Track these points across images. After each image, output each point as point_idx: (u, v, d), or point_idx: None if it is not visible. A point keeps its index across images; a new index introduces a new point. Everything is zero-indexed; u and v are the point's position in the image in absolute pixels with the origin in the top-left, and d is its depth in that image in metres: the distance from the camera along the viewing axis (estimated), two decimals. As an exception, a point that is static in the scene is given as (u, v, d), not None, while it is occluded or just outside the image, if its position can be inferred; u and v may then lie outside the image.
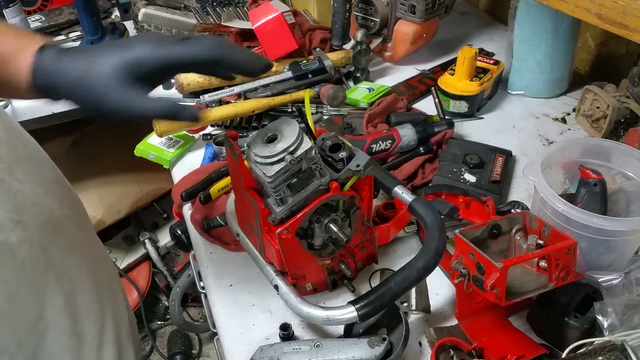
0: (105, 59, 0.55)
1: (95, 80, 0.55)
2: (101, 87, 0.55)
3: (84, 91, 0.55)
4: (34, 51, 0.55)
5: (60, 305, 0.54)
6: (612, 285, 0.69)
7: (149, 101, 0.56)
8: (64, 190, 0.62)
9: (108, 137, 1.76)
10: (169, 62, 0.57)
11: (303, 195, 0.68)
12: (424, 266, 0.65)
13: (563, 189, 0.82)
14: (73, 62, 0.55)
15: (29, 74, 0.55)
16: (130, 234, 1.90)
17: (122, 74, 0.55)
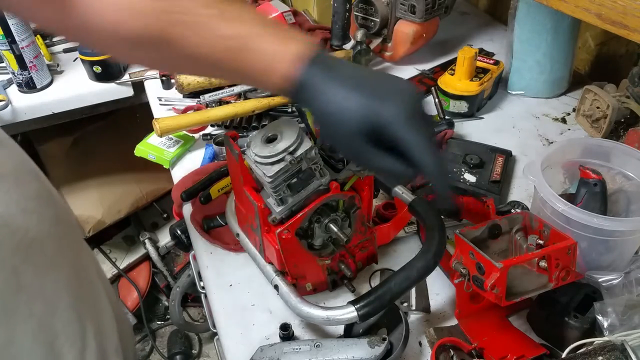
0: (354, 108, 0.54)
1: (339, 126, 0.55)
2: (343, 132, 0.55)
3: (328, 125, 0.57)
4: (297, 63, 0.54)
5: (33, 330, 0.50)
6: (612, 285, 0.69)
7: (387, 158, 0.56)
8: (46, 204, 0.57)
9: (108, 137, 1.76)
10: (405, 146, 0.55)
11: (303, 195, 0.68)
12: (424, 266, 0.65)
13: (563, 189, 0.82)
14: (329, 91, 0.55)
15: (289, 85, 0.55)
16: (130, 234, 1.90)
17: (365, 133, 0.55)
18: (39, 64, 1.30)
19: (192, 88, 1.19)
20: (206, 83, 1.19)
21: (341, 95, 0.54)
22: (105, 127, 1.77)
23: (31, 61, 1.28)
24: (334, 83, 0.55)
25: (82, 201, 1.73)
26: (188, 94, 1.22)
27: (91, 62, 1.31)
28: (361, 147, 0.55)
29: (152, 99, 1.26)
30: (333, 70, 0.55)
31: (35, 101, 1.32)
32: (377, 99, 0.54)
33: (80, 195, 1.73)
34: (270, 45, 0.55)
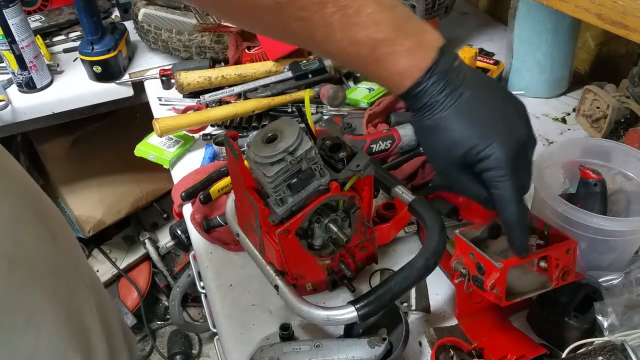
0: (462, 141, 0.56)
1: (443, 150, 0.57)
2: (444, 157, 0.57)
3: (427, 140, 0.58)
4: (416, 78, 0.54)
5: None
6: (612, 285, 0.69)
7: (476, 187, 0.59)
8: (27, 222, 0.50)
9: (108, 137, 1.76)
10: (496, 191, 0.57)
11: (303, 195, 0.68)
12: (424, 266, 0.65)
13: (563, 189, 0.82)
14: (439, 109, 0.55)
15: (401, 91, 0.56)
16: (130, 234, 1.90)
17: (465, 165, 0.57)
18: (39, 64, 1.30)
19: (192, 88, 1.19)
20: (206, 83, 1.19)
21: (455, 124, 0.55)
22: (105, 127, 1.77)
23: (31, 61, 1.28)
24: (452, 110, 0.55)
25: (82, 201, 1.73)
26: (188, 94, 1.22)
27: (91, 62, 1.31)
28: (456, 172, 0.58)
29: (152, 99, 1.26)
30: (454, 92, 0.55)
31: (35, 101, 1.32)
32: (488, 138, 0.55)
33: (80, 195, 1.73)
34: (400, 58, 0.54)
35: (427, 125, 0.57)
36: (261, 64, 1.22)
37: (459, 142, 0.56)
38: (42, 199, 0.56)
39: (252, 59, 1.25)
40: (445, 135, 0.56)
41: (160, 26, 1.31)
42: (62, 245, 0.55)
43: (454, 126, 0.55)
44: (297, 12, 0.49)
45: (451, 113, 0.55)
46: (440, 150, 0.57)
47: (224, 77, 1.19)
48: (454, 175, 0.58)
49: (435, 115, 0.55)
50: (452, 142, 0.56)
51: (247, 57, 1.25)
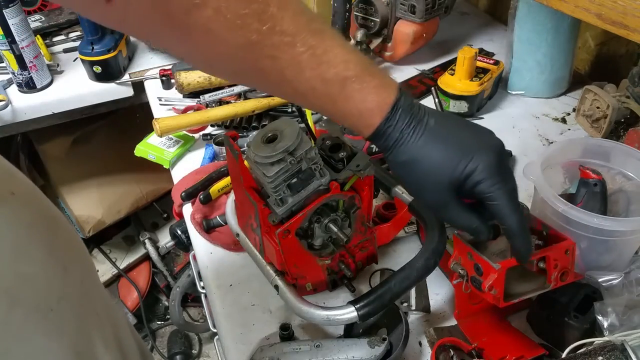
0: (445, 163, 0.56)
1: (428, 177, 0.57)
2: (432, 184, 0.57)
3: (415, 177, 0.57)
4: (384, 113, 0.55)
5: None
6: (612, 285, 0.69)
7: (467, 216, 0.59)
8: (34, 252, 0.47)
9: (108, 137, 1.76)
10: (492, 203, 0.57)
11: (303, 195, 0.68)
12: (424, 266, 0.65)
13: (563, 189, 0.82)
14: (411, 141, 0.56)
15: (371, 131, 0.56)
16: (130, 234, 1.90)
17: (454, 187, 0.57)
18: (39, 64, 1.30)
19: (192, 88, 1.19)
20: (206, 83, 1.19)
21: (432, 150, 0.56)
22: (105, 127, 1.77)
23: (31, 61, 1.28)
24: (424, 138, 0.56)
25: (82, 201, 1.73)
26: (188, 94, 1.22)
27: (91, 62, 1.31)
28: (448, 200, 0.57)
29: (152, 99, 1.26)
30: (421, 122, 0.56)
31: (35, 101, 1.32)
32: (467, 153, 0.56)
33: (80, 195, 1.73)
34: (369, 94, 0.55)
35: (404, 160, 0.57)
36: (261, 64, 1.22)
37: (442, 166, 0.56)
38: (56, 222, 0.54)
39: (252, 59, 1.25)
40: (426, 164, 0.56)
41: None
42: (74, 273, 0.52)
43: (432, 153, 0.56)
44: (267, 51, 0.50)
45: (424, 141, 0.56)
46: (426, 181, 0.57)
47: (224, 77, 1.19)
48: (446, 204, 0.58)
49: (409, 148, 0.56)
50: (435, 168, 0.56)
51: (247, 57, 1.25)
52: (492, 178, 0.56)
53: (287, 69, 0.52)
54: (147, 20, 0.47)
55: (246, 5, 0.47)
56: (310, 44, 0.51)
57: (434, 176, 0.56)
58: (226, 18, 0.47)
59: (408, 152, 0.56)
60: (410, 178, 0.58)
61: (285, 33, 0.50)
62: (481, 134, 0.60)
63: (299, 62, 0.52)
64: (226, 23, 0.47)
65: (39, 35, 1.43)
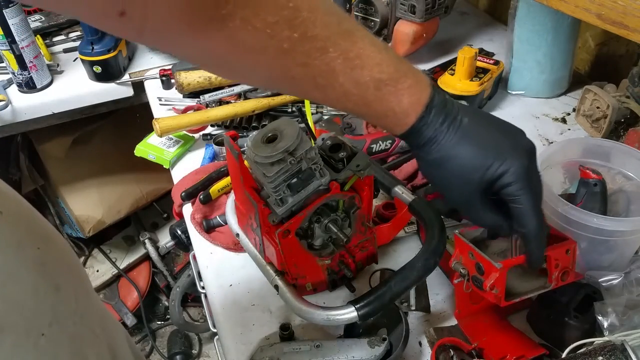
0: (477, 164, 0.56)
1: (459, 178, 0.57)
2: (461, 185, 0.57)
3: (446, 176, 0.57)
4: (419, 113, 0.55)
5: None
6: (612, 285, 0.69)
7: (493, 216, 0.59)
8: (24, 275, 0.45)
9: (108, 137, 1.76)
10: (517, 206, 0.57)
11: (303, 195, 0.68)
12: (424, 266, 0.65)
13: (563, 189, 0.82)
14: (445, 139, 0.56)
15: (404, 129, 0.56)
16: (130, 234, 1.90)
17: (483, 188, 0.57)
18: (39, 64, 1.30)
19: (192, 88, 1.19)
20: (206, 83, 1.19)
21: (466, 150, 0.56)
22: (105, 127, 1.77)
23: (31, 61, 1.28)
24: (457, 137, 0.56)
25: (82, 201, 1.73)
26: (188, 94, 1.21)
27: (91, 62, 1.31)
28: (476, 199, 0.57)
29: (152, 99, 1.26)
30: (455, 120, 0.56)
31: (35, 101, 1.32)
32: (501, 155, 0.56)
33: (80, 195, 1.73)
34: (403, 96, 0.54)
35: (436, 158, 0.57)
36: (261, 64, 1.22)
37: (475, 165, 0.56)
38: (48, 240, 0.51)
39: (252, 59, 1.25)
40: (458, 163, 0.56)
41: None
42: (67, 292, 0.49)
43: (465, 152, 0.56)
44: (299, 58, 0.49)
45: (458, 140, 0.56)
46: (456, 181, 0.57)
47: (224, 77, 1.19)
48: (474, 203, 0.58)
49: (442, 146, 0.56)
50: (467, 167, 0.56)
51: (247, 57, 1.25)
52: (521, 182, 0.56)
53: (320, 76, 0.51)
54: (168, 31, 0.45)
55: (276, 12, 0.45)
56: (342, 48, 0.50)
57: (465, 176, 0.56)
58: (255, 28, 0.45)
59: (441, 150, 0.56)
60: (440, 175, 0.58)
61: (317, 38, 0.48)
62: (515, 135, 0.60)
63: (332, 69, 0.50)
64: (255, 33, 0.45)
65: (39, 35, 1.43)
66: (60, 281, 0.49)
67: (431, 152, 0.57)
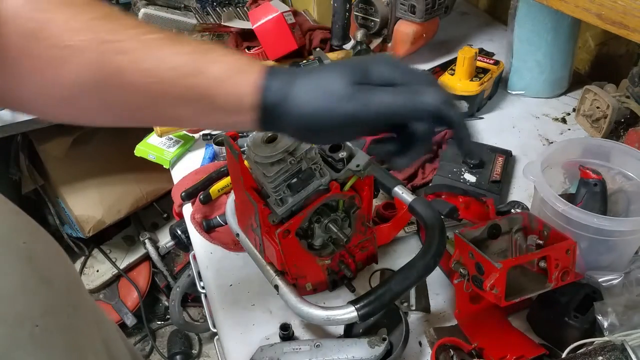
0: (338, 67, 0.52)
1: (331, 84, 0.51)
2: (337, 90, 0.50)
3: (319, 97, 0.51)
4: (259, 69, 0.51)
5: None
6: (612, 285, 0.69)
7: (388, 94, 0.51)
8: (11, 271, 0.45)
9: (108, 137, 1.76)
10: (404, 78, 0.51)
11: (303, 195, 0.68)
12: (424, 266, 0.65)
13: (563, 189, 0.82)
14: (303, 74, 0.51)
15: (254, 90, 0.51)
16: (130, 234, 1.90)
17: (356, 80, 0.51)
18: (39, 64, 1.30)
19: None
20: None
21: (318, 69, 0.52)
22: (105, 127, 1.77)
23: (31, 61, 1.27)
24: (302, 70, 0.52)
25: (82, 201, 1.73)
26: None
27: (91, 62, 1.31)
28: (356, 93, 0.50)
29: (152, 99, 1.26)
30: (307, 69, 0.53)
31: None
32: (362, 60, 0.53)
33: (80, 195, 1.73)
34: (225, 65, 0.51)
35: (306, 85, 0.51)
36: (261, 64, 1.22)
37: (340, 70, 0.51)
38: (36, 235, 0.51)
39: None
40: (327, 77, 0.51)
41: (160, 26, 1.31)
42: (57, 285, 0.49)
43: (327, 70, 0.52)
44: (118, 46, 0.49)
45: (314, 76, 0.51)
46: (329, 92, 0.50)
47: (224, 77, 1.19)
48: (357, 94, 0.50)
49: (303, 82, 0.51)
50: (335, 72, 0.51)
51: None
52: (395, 62, 0.52)
53: (144, 60, 0.49)
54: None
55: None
56: (163, 34, 0.50)
57: (337, 80, 0.50)
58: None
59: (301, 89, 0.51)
60: (316, 111, 0.51)
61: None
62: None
63: (150, 47, 0.50)
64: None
65: (39, 35, 1.43)
66: (49, 274, 0.49)
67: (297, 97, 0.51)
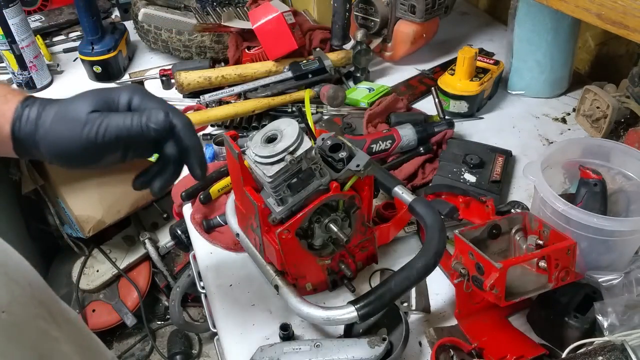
0: (83, 95, 0.56)
1: (72, 111, 0.55)
2: (76, 116, 0.54)
3: (62, 125, 0.54)
4: (17, 100, 0.55)
5: None
6: (612, 285, 0.69)
7: (123, 116, 0.55)
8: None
9: (108, 137, 1.76)
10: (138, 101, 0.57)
11: (303, 195, 0.68)
12: (424, 266, 0.65)
13: (563, 189, 0.82)
14: (53, 103, 0.55)
15: (7, 121, 0.54)
16: (130, 234, 1.90)
17: (98, 106, 0.55)
18: (39, 64, 1.30)
19: (192, 88, 1.19)
20: (206, 83, 1.19)
21: (61, 101, 0.56)
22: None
23: (31, 61, 1.28)
24: (50, 101, 0.56)
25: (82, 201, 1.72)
26: (188, 94, 1.22)
27: (91, 62, 1.31)
28: (94, 118, 0.54)
29: (152, 99, 1.26)
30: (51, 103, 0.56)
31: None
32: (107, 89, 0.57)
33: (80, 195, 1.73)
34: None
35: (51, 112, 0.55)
36: (261, 64, 1.22)
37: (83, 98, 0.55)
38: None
39: (252, 59, 1.25)
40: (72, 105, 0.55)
41: (160, 26, 1.31)
42: (18, 279, 0.52)
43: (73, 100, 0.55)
44: None
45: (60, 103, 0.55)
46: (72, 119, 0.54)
47: (224, 77, 1.19)
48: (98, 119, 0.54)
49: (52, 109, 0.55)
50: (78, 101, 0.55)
51: (247, 57, 1.25)
52: (138, 92, 0.57)
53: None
54: None
55: None
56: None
57: (79, 108, 0.55)
58: None
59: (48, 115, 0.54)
60: (61, 135, 0.55)
61: None
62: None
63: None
64: None
65: (39, 35, 1.43)
66: (7, 270, 0.51)
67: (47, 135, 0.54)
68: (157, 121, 0.55)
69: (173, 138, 0.57)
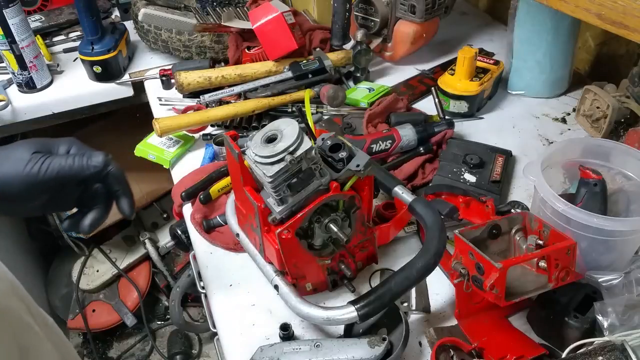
0: (25, 141, 0.61)
1: (17, 153, 0.59)
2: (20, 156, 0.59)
3: (6, 165, 0.58)
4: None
5: None
6: (612, 285, 0.69)
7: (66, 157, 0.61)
8: None
9: (108, 137, 1.76)
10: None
11: (303, 195, 0.68)
12: (424, 266, 0.65)
13: (563, 189, 0.82)
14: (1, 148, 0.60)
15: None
16: (130, 234, 1.90)
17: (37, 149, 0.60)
18: (39, 64, 1.30)
19: (192, 88, 1.19)
20: (206, 83, 1.19)
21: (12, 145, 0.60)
22: (105, 127, 1.77)
23: (31, 61, 1.28)
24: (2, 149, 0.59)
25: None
26: (188, 94, 1.21)
27: (91, 62, 1.31)
28: (37, 158, 0.59)
29: (152, 99, 1.26)
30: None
31: (35, 101, 1.32)
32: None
33: (80, 195, 1.73)
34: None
35: None
36: (261, 64, 1.22)
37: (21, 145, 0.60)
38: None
39: (252, 59, 1.25)
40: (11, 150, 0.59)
41: (160, 26, 1.31)
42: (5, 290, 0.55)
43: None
44: None
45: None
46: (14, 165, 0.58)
47: (224, 77, 1.19)
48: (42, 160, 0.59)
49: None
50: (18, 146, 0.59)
51: (247, 57, 1.25)
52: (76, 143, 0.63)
53: None
54: None
55: None
56: None
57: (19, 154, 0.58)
58: None
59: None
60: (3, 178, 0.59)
61: None
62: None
63: None
64: None
65: (39, 35, 1.43)
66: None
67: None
68: (98, 161, 0.62)
69: (106, 181, 0.64)
